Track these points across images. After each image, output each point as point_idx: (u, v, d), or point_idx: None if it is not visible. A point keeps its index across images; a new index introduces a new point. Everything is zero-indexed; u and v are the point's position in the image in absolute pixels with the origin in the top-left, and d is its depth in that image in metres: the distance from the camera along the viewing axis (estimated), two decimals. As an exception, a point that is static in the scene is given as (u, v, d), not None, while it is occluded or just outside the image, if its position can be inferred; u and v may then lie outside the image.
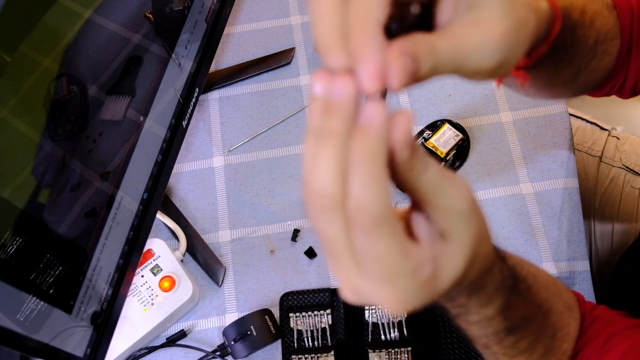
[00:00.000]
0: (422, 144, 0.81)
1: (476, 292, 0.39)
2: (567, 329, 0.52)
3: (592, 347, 0.52)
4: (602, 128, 1.01)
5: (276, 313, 0.74)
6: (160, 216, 0.79)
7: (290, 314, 0.74)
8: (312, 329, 0.73)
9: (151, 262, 0.75)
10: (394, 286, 0.31)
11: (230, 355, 0.73)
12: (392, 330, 0.72)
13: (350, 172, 0.29)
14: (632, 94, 0.62)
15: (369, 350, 0.72)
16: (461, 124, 0.83)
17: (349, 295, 0.33)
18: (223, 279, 0.78)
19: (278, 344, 0.73)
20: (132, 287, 0.74)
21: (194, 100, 0.82)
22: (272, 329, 0.73)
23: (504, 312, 0.42)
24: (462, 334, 0.48)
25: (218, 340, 0.74)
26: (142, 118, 0.72)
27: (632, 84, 0.60)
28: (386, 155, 0.29)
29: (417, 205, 0.34)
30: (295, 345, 0.73)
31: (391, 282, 0.31)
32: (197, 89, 0.83)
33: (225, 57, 0.92)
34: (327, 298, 0.74)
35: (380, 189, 0.28)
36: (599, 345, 0.51)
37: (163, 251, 0.76)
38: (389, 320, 0.73)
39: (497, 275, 0.39)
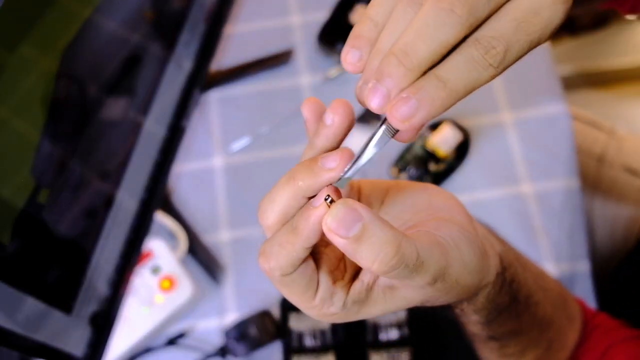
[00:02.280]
0: (422, 144, 0.81)
1: (446, 307, 0.39)
2: (565, 339, 0.51)
3: (589, 357, 0.52)
4: (602, 128, 1.01)
5: (276, 313, 0.74)
6: (160, 216, 0.79)
7: (291, 314, 0.74)
8: (312, 329, 0.73)
9: (151, 262, 0.75)
10: (304, 310, 0.35)
11: (230, 355, 0.73)
12: (392, 331, 0.72)
13: (284, 228, 0.32)
14: (631, 10, 0.61)
15: (369, 350, 0.71)
16: (461, 124, 0.83)
17: None
18: (223, 279, 0.78)
19: (278, 344, 0.73)
20: (131, 287, 0.74)
21: (193, 100, 0.82)
22: (272, 329, 0.73)
23: (483, 325, 0.42)
24: (463, 331, 0.48)
25: (218, 340, 0.74)
26: (141, 118, 0.72)
27: (631, 2, 0.59)
28: (313, 242, 0.31)
29: None
30: (295, 345, 0.72)
31: (299, 307, 0.35)
32: (196, 89, 0.83)
33: (225, 57, 0.92)
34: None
35: (283, 259, 0.32)
36: (597, 356, 0.51)
37: (163, 251, 0.76)
38: (389, 320, 0.73)
39: (479, 303, 0.39)
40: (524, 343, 0.46)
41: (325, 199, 0.31)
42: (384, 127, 0.31)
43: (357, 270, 0.35)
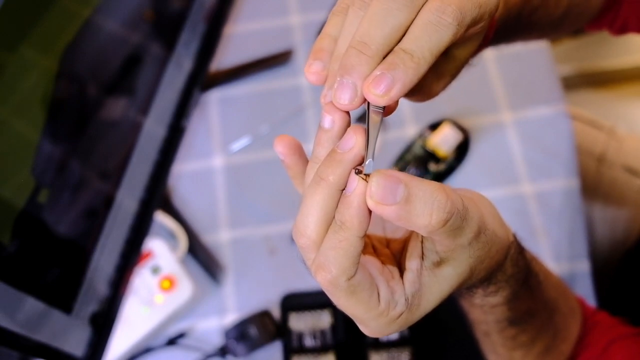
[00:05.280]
0: (422, 144, 0.81)
1: (482, 284, 0.39)
2: (569, 331, 0.52)
3: (589, 354, 0.52)
4: (602, 128, 1.01)
5: (276, 313, 0.74)
6: (160, 216, 0.79)
7: (290, 314, 0.74)
8: (312, 329, 0.73)
9: (151, 262, 0.75)
10: (363, 325, 0.34)
11: (230, 355, 0.73)
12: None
13: (330, 231, 0.31)
14: (621, 31, 0.64)
15: (369, 350, 0.71)
16: (461, 124, 0.83)
17: None
18: (223, 279, 0.78)
19: (278, 344, 0.73)
20: (131, 287, 0.74)
21: (193, 100, 0.82)
22: (272, 329, 0.73)
23: (510, 302, 0.42)
24: (464, 330, 0.48)
25: (218, 340, 0.74)
26: (141, 118, 0.72)
27: (620, 22, 0.63)
28: (367, 226, 0.31)
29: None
30: (295, 345, 0.73)
31: (359, 323, 0.34)
32: (196, 89, 0.83)
33: (225, 57, 0.92)
34: (327, 298, 0.74)
35: (343, 258, 0.30)
36: (597, 353, 0.52)
37: (163, 251, 0.76)
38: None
39: (508, 270, 0.39)
40: (536, 327, 0.47)
41: (357, 173, 0.30)
42: (372, 109, 0.32)
43: (401, 267, 0.35)
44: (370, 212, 0.30)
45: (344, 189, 0.31)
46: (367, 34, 0.30)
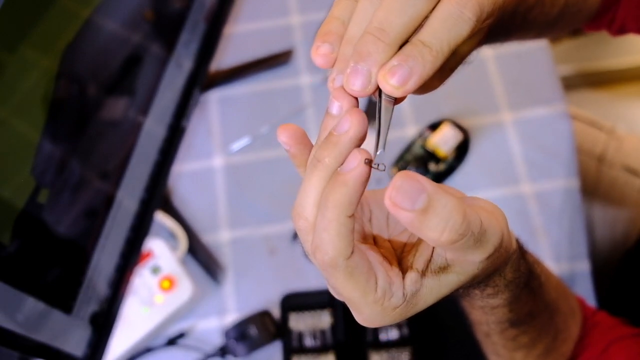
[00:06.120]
0: (422, 144, 0.81)
1: (479, 286, 0.39)
2: (569, 332, 0.52)
3: (589, 354, 0.52)
4: (602, 128, 1.01)
5: (276, 313, 0.74)
6: (160, 216, 0.79)
7: (290, 314, 0.74)
8: (312, 329, 0.73)
9: (151, 262, 0.75)
10: (357, 312, 0.33)
11: (230, 355, 0.73)
12: (392, 330, 0.72)
13: (318, 213, 0.31)
14: (620, 32, 0.64)
15: (369, 350, 0.71)
16: (461, 124, 0.83)
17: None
18: (223, 279, 0.78)
19: (278, 344, 0.73)
20: (131, 287, 0.74)
21: (193, 100, 0.82)
22: (272, 329, 0.73)
23: (511, 304, 0.42)
24: (465, 330, 0.48)
25: (218, 340, 0.74)
26: (141, 118, 0.72)
27: (619, 23, 0.62)
28: (355, 205, 0.30)
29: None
30: (295, 345, 0.72)
31: (354, 309, 0.33)
32: (196, 89, 0.83)
33: (225, 57, 0.92)
34: (327, 298, 0.74)
35: (336, 239, 0.30)
36: (597, 353, 0.51)
37: (163, 251, 0.76)
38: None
39: (508, 275, 0.39)
40: (537, 329, 0.47)
41: (367, 163, 0.30)
42: (384, 97, 0.31)
43: (401, 263, 0.35)
44: (361, 194, 0.30)
45: None
46: (385, 21, 0.29)
